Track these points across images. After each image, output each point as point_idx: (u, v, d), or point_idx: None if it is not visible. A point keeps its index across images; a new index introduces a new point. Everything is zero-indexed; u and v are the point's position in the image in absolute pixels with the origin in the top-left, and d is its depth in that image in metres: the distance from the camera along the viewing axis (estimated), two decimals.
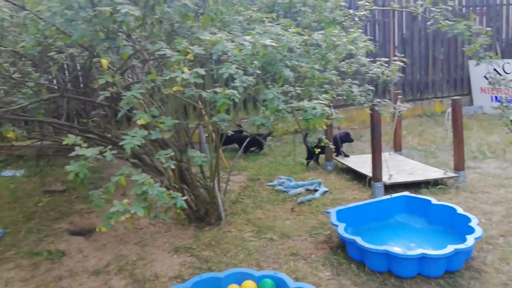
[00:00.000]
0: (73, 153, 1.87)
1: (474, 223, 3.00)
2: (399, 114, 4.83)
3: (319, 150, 4.01)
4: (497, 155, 5.55)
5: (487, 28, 3.06)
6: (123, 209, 1.80)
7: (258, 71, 2.21)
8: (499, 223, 3.45)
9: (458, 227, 3.17)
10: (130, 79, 3.33)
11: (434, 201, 3.51)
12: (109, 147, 1.98)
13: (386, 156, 5.39)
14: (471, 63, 8.65)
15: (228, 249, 3.30)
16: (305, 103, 2.18)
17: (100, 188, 2.21)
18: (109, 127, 3.52)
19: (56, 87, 2.96)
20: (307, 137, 5.06)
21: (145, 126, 2.85)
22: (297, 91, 3.83)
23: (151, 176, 1.96)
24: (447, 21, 3.01)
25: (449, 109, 4.41)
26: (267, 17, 2.74)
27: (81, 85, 4.50)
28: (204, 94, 2.08)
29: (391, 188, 4.26)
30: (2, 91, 4.03)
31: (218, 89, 2.02)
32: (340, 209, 3.41)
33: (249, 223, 3.77)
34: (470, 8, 8.82)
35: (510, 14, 9.12)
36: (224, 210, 3.92)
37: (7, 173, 5.65)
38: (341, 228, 3.06)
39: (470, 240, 2.76)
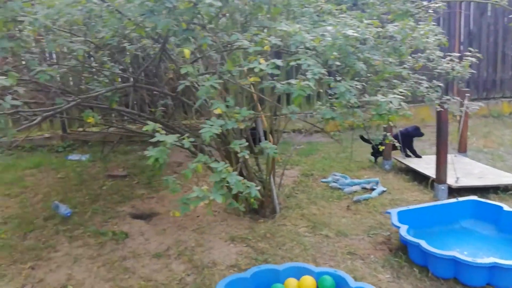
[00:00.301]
0: (154, 139, 1.93)
1: None
2: (468, 112, 4.54)
3: (383, 147, 3.86)
4: None
5: None
6: (203, 195, 1.84)
7: (338, 63, 2.16)
8: None
9: None
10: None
11: (506, 207, 3.26)
12: (186, 135, 2.03)
13: (452, 158, 5.10)
14: None
15: (283, 243, 3.29)
16: (379, 97, 2.10)
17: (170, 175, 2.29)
18: (187, 116, 3.62)
19: (127, 77, 3.09)
20: (366, 135, 4.89)
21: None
22: (359, 85, 3.72)
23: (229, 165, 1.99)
24: None
25: None
26: (336, 9, 2.67)
27: (143, 76, 4.69)
28: (278, 85, 2.07)
29: (455, 191, 4.02)
30: (71, 80, 4.29)
31: (293, 81, 2.00)
32: (402, 210, 3.27)
33: (303, 218, 3.73)
34: None
35: None
36: (278, 204, 3.92)
37: (74, 157, 6.05)
38: (403, 230, 2.94)
39: None
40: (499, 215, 3.26)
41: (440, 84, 3.72)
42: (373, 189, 4.36)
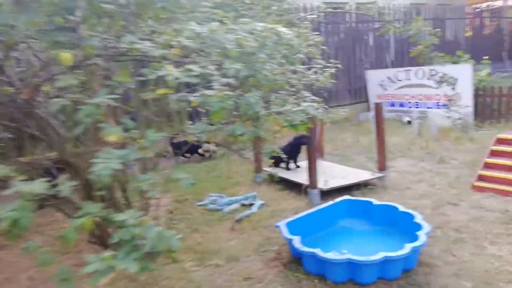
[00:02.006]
0: (11, 190, 1.25)
1: (419, 218, 3.07)
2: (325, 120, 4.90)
3: (273, 161, 3.73)
4: (404, 154, 6.03)
5: (436, 29, 3.17)
6: (106, 266, 1.28)
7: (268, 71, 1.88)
8: (431, 216, 3.63)
9: (402, 225, 3.22)
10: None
11: (374, 201, 3.54)
12: (65, 177, 1.42)
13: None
14: (368, 73, 9.47)
15: (171, 286, 2.82)
16: (290, 107, 1.93)
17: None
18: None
19: None
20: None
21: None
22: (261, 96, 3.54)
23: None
24: (394, 24, 3.04)
25: (373, 113, 4.61)
26: (223, 17, 2.40)
27: None
28: (191, 98, 1.67)
29: (326, 194, 4.23)
30: None
31: (209, 91, 1.63)
32: (290, 221, 3.21)
33: (188, 250, 3.31)
34: (361, 23, 9.68)
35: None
36: None
37: None
38: (297, 241, 2.84)
39: (422, 236, 2.79)
40: (370, 209, 3.51)
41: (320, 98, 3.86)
42: (252, 204, 4.25)
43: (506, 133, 4.73)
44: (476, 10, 11.98)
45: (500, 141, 4.56)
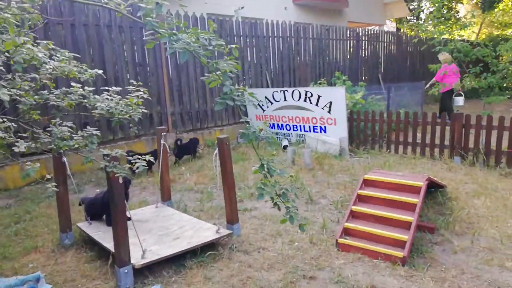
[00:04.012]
0: None
1: None
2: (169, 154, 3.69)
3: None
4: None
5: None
6: None
7: None
8: None
9: None
10: None
11: None
12: None
13: (151, 211, 4.16)
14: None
15: None
16: None
17: None
18: None
19: None
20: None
21: None
22: None
23: None
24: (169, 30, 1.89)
25: (216, 150, 3.52)
26: None
27: None
28: None
29: (147, 269, 2.98)
30: None
31: None
32: None
33: None
34: (241, 37, 8.84)
35: (276, 46, 9.65)
36: None
37: None
38: None
39: None
40: None
41: (97, 133, 2.60)
42: None
43: (373, 173, 4.09)
44: (355, 33, 12.20)
45: (367, 183, 3.87)
